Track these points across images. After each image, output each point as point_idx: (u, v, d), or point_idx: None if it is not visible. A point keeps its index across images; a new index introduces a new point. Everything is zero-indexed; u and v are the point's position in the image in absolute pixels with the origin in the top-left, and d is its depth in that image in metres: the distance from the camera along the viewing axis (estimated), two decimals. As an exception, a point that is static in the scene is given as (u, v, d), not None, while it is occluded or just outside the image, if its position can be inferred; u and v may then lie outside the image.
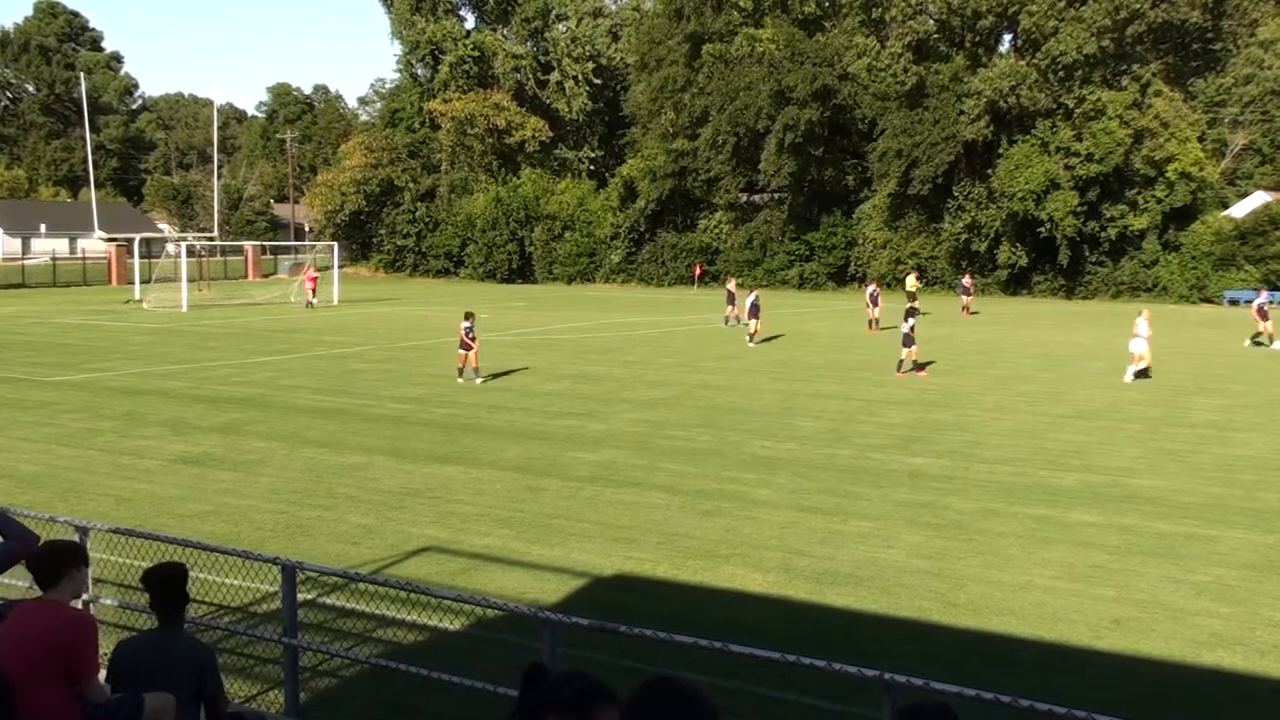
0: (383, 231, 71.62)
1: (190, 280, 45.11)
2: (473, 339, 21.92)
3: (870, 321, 34.13)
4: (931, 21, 55.29)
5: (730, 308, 35.70)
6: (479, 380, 21.65)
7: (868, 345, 29.97)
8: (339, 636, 8.36)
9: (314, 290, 44.72)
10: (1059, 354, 28.17)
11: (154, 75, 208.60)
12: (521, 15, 71.76)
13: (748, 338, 29.79)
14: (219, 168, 79.40)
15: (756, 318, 29.94)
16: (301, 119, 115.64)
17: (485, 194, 67.00)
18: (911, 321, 24.14)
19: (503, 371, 23.37)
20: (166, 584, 4.96)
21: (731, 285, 38.28)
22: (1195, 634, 8.52)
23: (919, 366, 24.21)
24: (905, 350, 23.94)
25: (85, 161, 75.99)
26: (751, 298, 30.55)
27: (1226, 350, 29.61)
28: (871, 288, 35.90)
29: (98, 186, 79.21)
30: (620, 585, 9.65)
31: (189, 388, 20.97)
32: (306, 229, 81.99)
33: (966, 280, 43.48)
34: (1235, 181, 57.21)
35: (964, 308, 41.42)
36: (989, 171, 53.12)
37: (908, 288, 42.99)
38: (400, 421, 17.40)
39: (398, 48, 73.86)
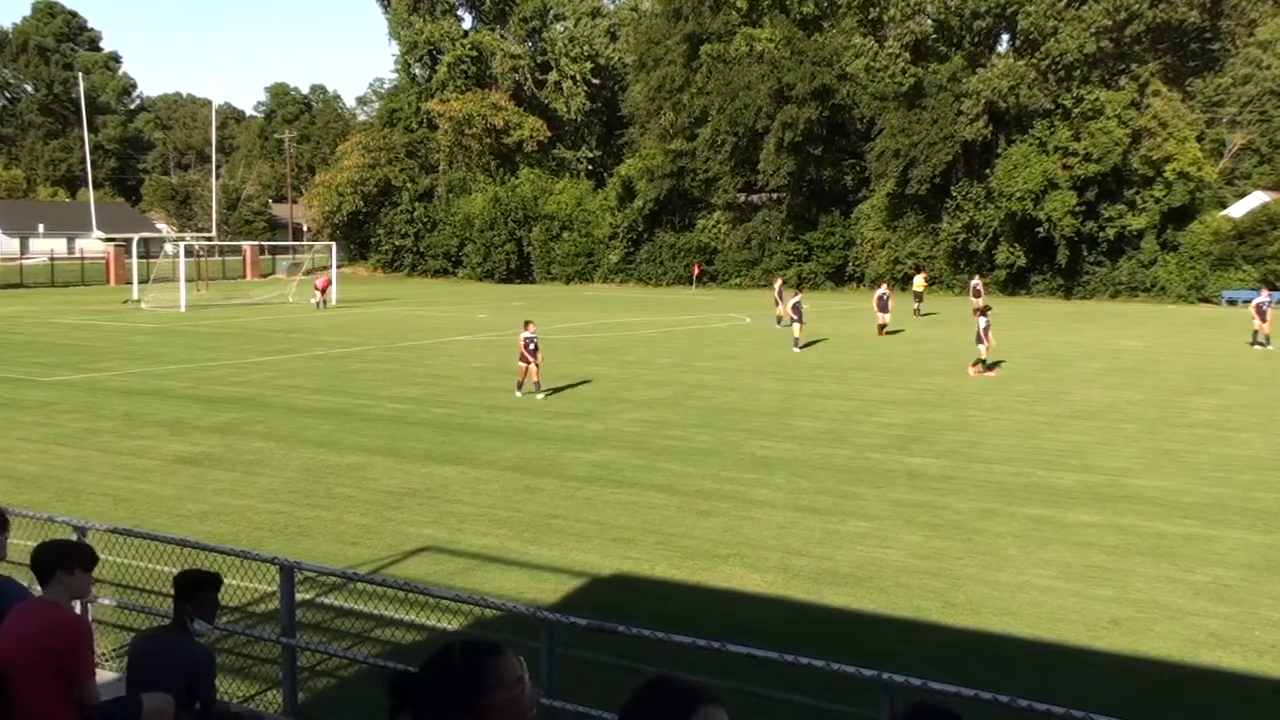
0: (380, 231, 71.61)
1: (188, 280, 45.11)
2: (534, 350, 19.94)
3: (880, 326, 32.67)
4: (929, 22, 55.30)
5: (779, 307, 35.02)
6: (540, 395, 19.80)
7: (866, 345, 29.97)
8: (337, 636, 8.36)
9: (324, 292, 44.65)
10: (1057, 354, 28.19)
11: (152, 75, 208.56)
12: (519, 15, 71.77)
13: (793, 342, 28.51)
14: (217, 168, 79.41)
15: (799, 320, 28.60)
16: (299, 119, 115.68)
17: (483, 194, 67.01)
18: (983, 320, 23.81)
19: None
20: (179, 587, 5.15)
21: (779, 284, 37.58)
22: (1193, 634, 8.53)
23: (988, 366, 23.89)
24: (980, 348, 23.59)
25: (83, 161, 76.02)
26: (794, 300, 29.37)
27: (1225, 350, 29.62)
28: (882, 290, 34.15)
29: (96, 186, 79.20)
30: (618, 585, 9.65)
31: (187, 388, 20.96)
32: (305, 229, 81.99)
33: (977, 282, 42.22)
34: (1233, 181, 57.22)
35: (976, 309, 40.34)
36: (987, 171, 53.13)
37: (915, 288, 42.63)
38: (398, 421, 17.40)
39: (395, 48, 73.98)
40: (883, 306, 32.83)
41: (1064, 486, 13.32)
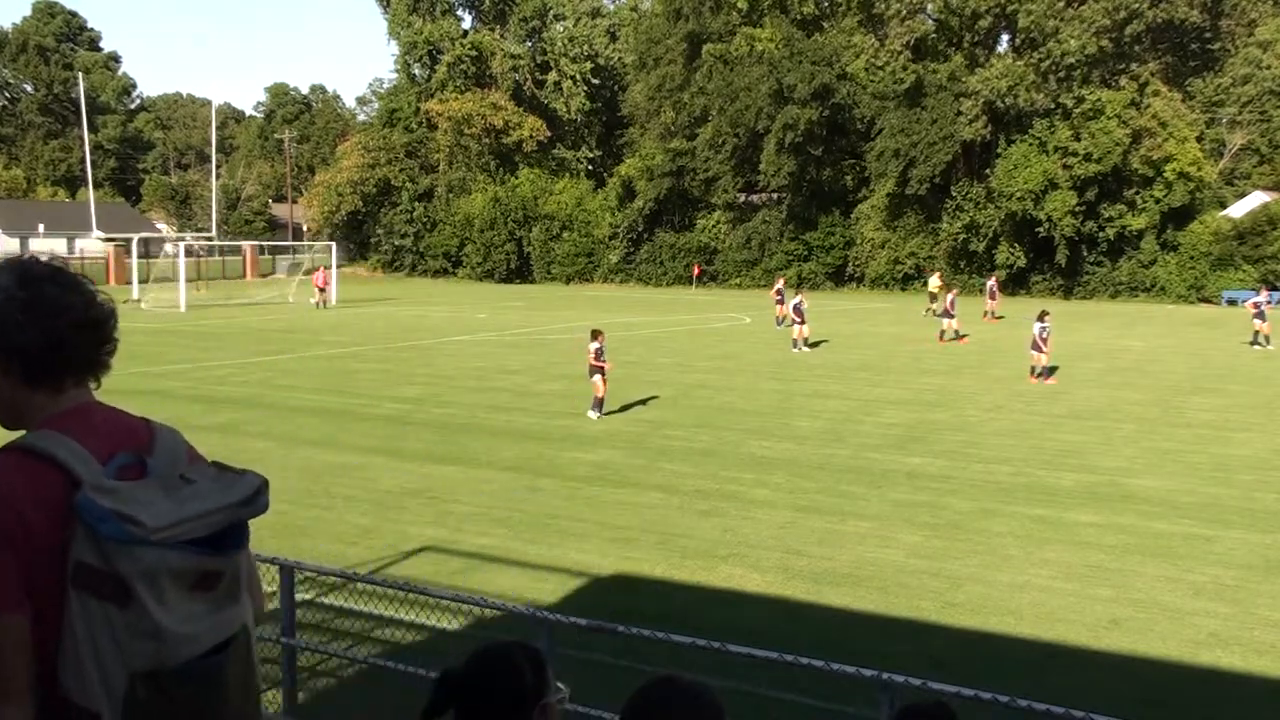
0: (380, 231, 71.60)
1: (188, 280, 45.10)
2: (604, 362, 17.90)
3: (942, 332, 30.97)
4: (930, 21, 55.32)
5: (780, 308, 34.72)
6: (594, 415, 17.82)
7: (865, 345, 29.97)
8: (337, 636, 8.36)
9: (323, 291, 44.69)
10: (1057, 354, 28.07)
11: (152, 75, 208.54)
12: (519, 15, 71.75)
13: (792, 343, 28.15)
14: (217, 168, 79.39)
15: (801, 321, 28.02)
16: (299, 119, 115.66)
17: (483, 194, 67.00)
18: (1040, 325, 22.95)
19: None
20: None
21: (780, 284, 37.17)
22: (1193, 634, 8.53)
23: (1044, 373, 22.93)
24: (1036, 355, 22.80)
25: (83, 161, 75.93)
26: (795, 301, 28.70)
27: (1225, 350, 29.63)
28: (951, 295, 31.75)
29: (96, 186, 79.12)
30: (618, 585, 9.65)
31: (187, 388, 20.96)
32: (304, 229, 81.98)
33: (993, 282, 41.42)
34: (1233, 181, 57.27)
35: (987, 312, 38.98)
36: (987, 171, 53.13)
37: (930, 288, 42.34)
38: (398, 421, 17.40)
39: (395, 48, 73.95)
40: (949, 313, 31.07)
41: (1063, 486, 13.32)
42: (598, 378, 17.82)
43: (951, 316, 30.97)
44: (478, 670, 2.25)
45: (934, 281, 42.25)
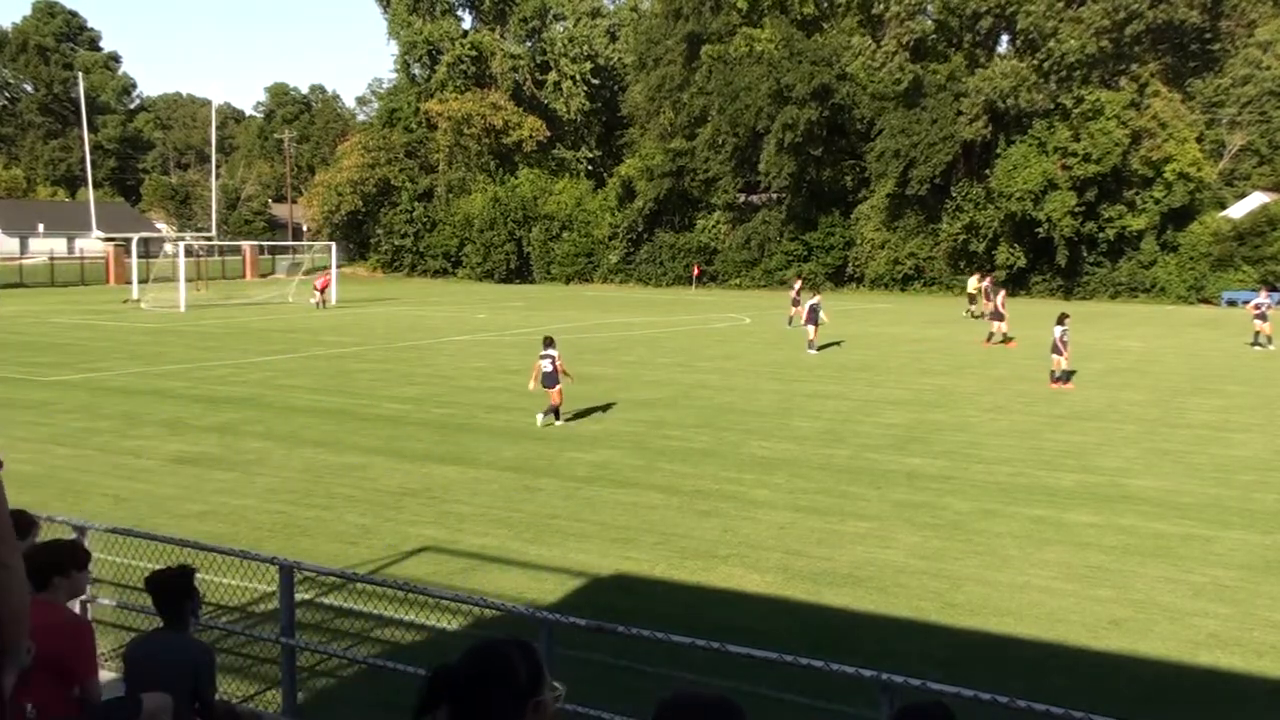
0: (380, 231, 71.55)
1: (188, 280, 45.08)
2: (555, 369, 17.05)
3: (990, 334, 30.44)
4: (930, 21, 55.30)
5: (794, 309, 34.48)
6: (559, 421, 17.24)
7: (865, 345, 29.96)
8: (337, 636, 8.36)
9: (323, 292, 44.69)
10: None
11: (152, 75, 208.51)
12: (519, 15, 71.75)
13: (807, 344, 28.03)
14: (216, 168, 79.37)
15: (815, 323, 27.91)
16: (299, 119, 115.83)
17: (483, 194, 66.99)
18: (1060, 328, 22.18)
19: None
20: (162, 591, 5.09)
21: (797, 285, 36.97)
22: (1193, 634, 8.53)
23: (1062, 377, 22.15)
24: (1056, 359, 22.11)
25: (83, 161, 75.94)
26: (812, 301, 28.53)
27: (1224, 351, 29.63)
28: (1000, 296, 31.41)
29: (95, 186, 79.07)
30: (618, 585, 9.65)
31: (187, 387, 20.96)
32: (304, 229, 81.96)
33: (988, 282, 40.80)
34: (1233, 182, 57.23)
35: (983, 312, 38.37)
36: (987, 172, 53.11)
37: (969, 290, 42.07)
38: (398, 421, 17.40)
39: (395, 48, 73.92)
40: (998, 316, 30.44)
41: (1063, 487, 13.32)
42: (552, 387, 17.10)
43: (1002, 318, 30.34)
44: (472, 667, 2.25)
45: (972, 283, 41.87)
